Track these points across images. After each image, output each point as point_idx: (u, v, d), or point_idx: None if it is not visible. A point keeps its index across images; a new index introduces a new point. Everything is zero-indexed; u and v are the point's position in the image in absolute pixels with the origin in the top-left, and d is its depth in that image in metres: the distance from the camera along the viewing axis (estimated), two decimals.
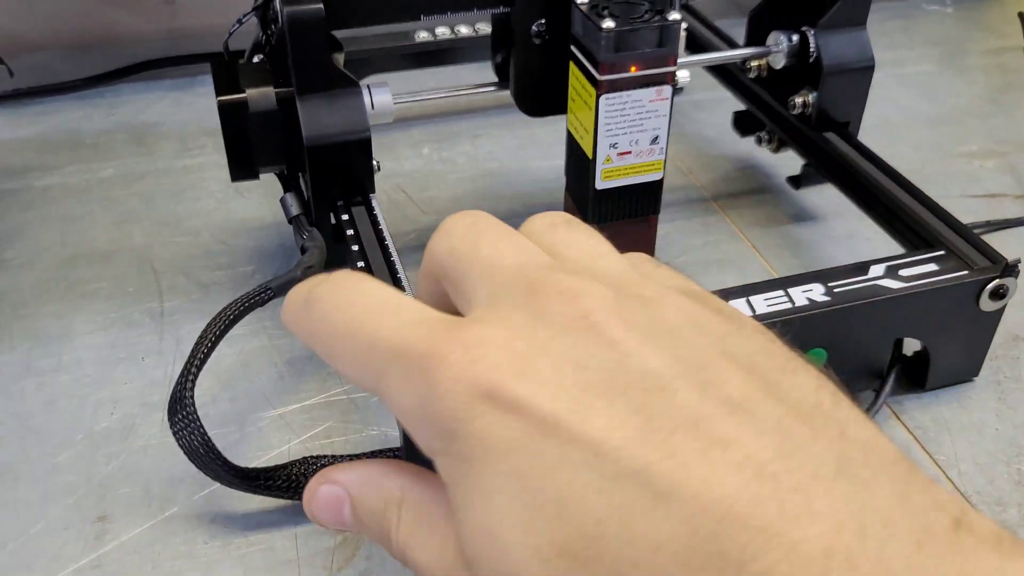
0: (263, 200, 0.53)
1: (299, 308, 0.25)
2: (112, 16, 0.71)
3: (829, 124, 0.49)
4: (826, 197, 0.53)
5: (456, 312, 0.24)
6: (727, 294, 0.37)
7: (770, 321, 0.36)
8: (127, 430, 0.39)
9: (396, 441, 0.38)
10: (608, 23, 0.37)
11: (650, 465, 0.19)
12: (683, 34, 0.39)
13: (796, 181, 0.52)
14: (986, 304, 0.38)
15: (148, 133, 0.60)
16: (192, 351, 0.34)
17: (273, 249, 0.49)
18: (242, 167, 0.42)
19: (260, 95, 0.41)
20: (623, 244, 0.43)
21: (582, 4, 0.40)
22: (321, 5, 0.39)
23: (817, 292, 0.37)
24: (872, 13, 0.79)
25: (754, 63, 0.51)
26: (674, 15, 0.38)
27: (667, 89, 0.40)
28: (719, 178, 0.57)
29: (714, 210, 0.54)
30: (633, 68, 0.39)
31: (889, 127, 0.63)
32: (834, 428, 0.21)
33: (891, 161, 0.59)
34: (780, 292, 0.37)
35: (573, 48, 0.41)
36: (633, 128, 0.41)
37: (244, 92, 0.41)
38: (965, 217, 0.52)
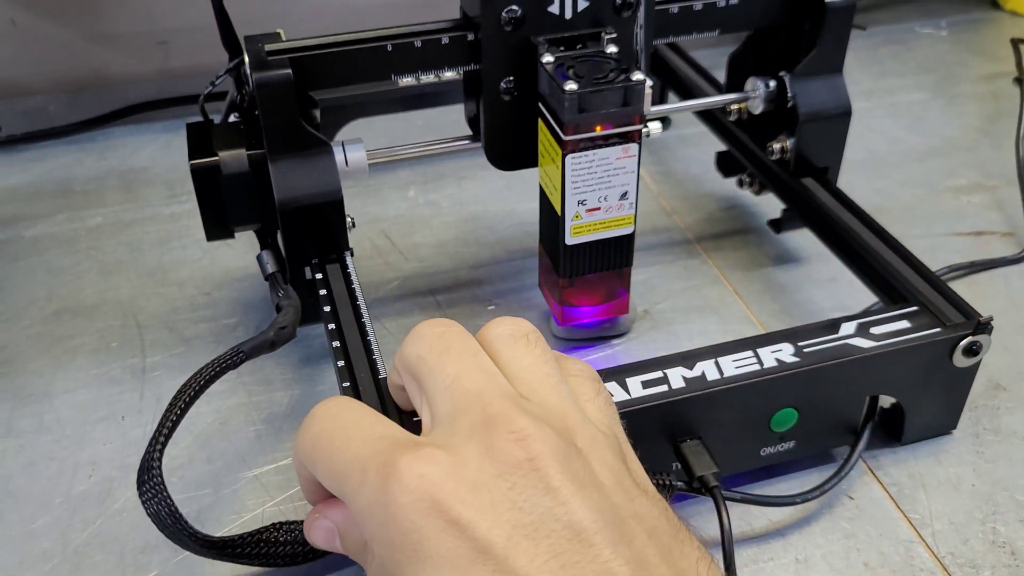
0: (247, 248, 0.53)
1: (300, 430, 0.30)
2: (106, 58, 0.72)
3: (807, 170, 0.49)
4: (809, 239, 0.53)
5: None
6: (697, 355, 0.37)
7: (739, 384, 0.36)
8: (104, 493, 0.39)
9: None
10: (571, 85, 0.38)
11: None
12: (648, 92, 0.39)
13: (777, 225, 0.52)
14: (960, 360, 0.38)
15: (137, 179, 0.61)
16: (161, 420, 0.34)
17: (256, 301, 0.50)
18: (217, 227, 0.43)
19: (232, 157, 0.41)
20: (596, 295, 0.43)
21: (547, 64, 0.40)
22: (289, 70, 0.39)
23: (787, 352, 0.37)
24: (864, 39, 0.80)
25: (734, 107, 0.51)
26: (638, 75, 0.38)
27: (633, 147, 0.40)
28: (703, 219, 0.57)
29: (697, 252, 0.54)
30: (598, 128, 0.39)
31: (877, 161, 0.63)
32: None
33: (877, 197, 0.59)
34: (749, 353, 0.37)
35: (540, 105, 0.41)
36: (601, 185, 0.41)
37: (216, 155, 0.41)
38: (950, 257, 0.52)
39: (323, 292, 0.41)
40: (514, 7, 0.40)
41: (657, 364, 0.36)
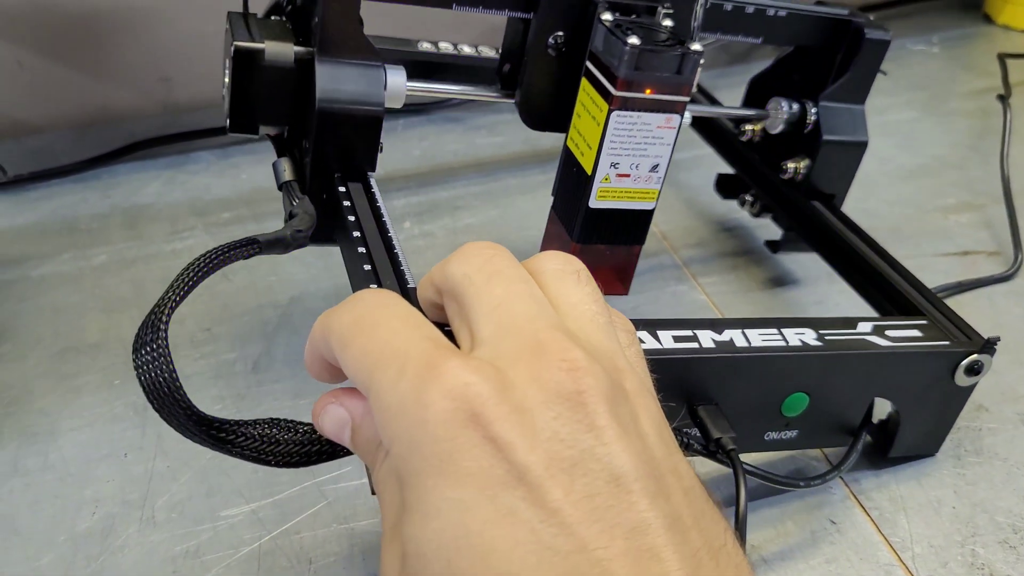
0: (247, 283, 0.55)
1: (338, 307, 0.27)
2: (110, 95, 0.74)
3: (817, 193, 0.50)
4: (796, 264, 0.54)
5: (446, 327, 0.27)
6: (726, 323, 0.37)
7: (764, 354, 0.36)
8: (107, 530, 0.40)
9: (365, 532, 0.40)
10: (634, 39, 0.38)
11: (586, 549, 0.21)
12: (699, 69, 0.39)
13: (775, 245, 0.53)
14: (961, 379, 0.39)
15: (141, 215, 0.62)
16: (171, 284, 0.32)
17: (255, 336, 0.51)
18: (243, 119, 0.42)
19: (278, 49, 0.39)
20: (605, 270, 0.43)
21: (607, 20, 0.40)
22: None
23: (809, 336, 0.38)
24: None
25: (748, 127, 0.52)
26: (696, 46, 0.39)
27: (676, 118, 0.40)
28: (693, 244, 0.58)
29: (686, 278, 0.55)
30: (648, 90, 0.39)
31: (867, 181, 0.63)
32: (732, 571, 0.23)
33: (866, 218, 0.59)
34: (775, 330, 0.38)
35: (588, 63, 0.41)
36: (637, 151, 0.40)
37: (263, 43, 0.40)
38: (936, 278, 0.53)
39: (347, 203, 0.39)
40: None
41: (688, 324, 0.37)
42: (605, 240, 0.43)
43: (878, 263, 0.45)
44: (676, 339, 0.36)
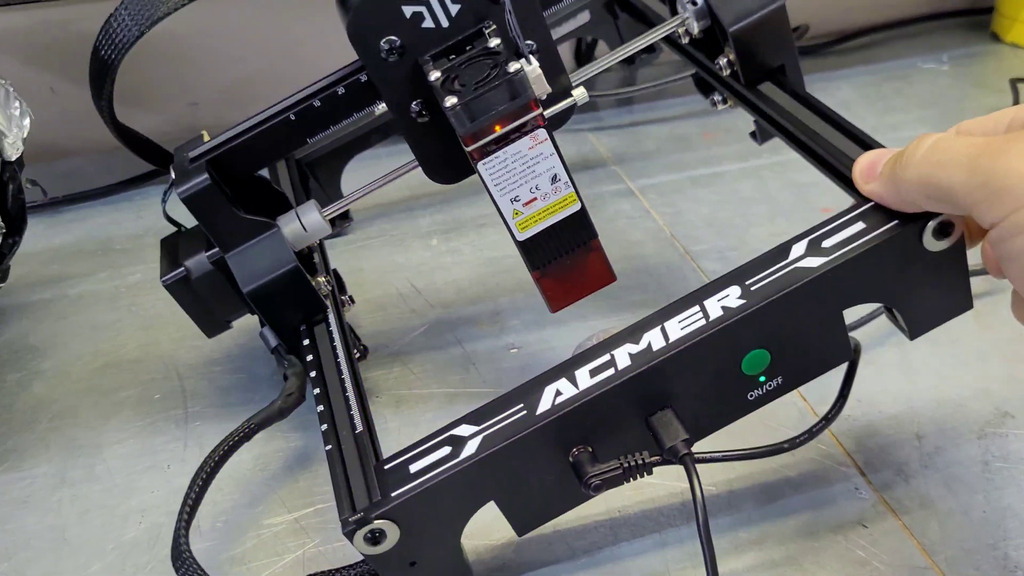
0: None
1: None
2: (139, 119, 0.76)
3: (760, 75, 0.48)
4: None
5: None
6: (643, 326, 0.36)
7: (687, 346, 0.35)
8: (153, 539, 0.41)
9: None
10: (451, 99, 0.37)
11: None
12: (536, 75, 0.38)
13: (754, 136, 0.52)
14: (933, 244, 0.36)
15: None
16: (183, 502, 0.37)
17: None
18: (211, 325, 0.46)
19: (196, 263, 0.44)
20: (573, 276, 0.42)
21: (435, 82, 0.38)
22: (206, 175, 0.41)
23: (733, 297, 0.35)
24: (868, 75, 0.82)
25: (680, 30, 0.49)
26: (514, 65, 0.37)
27: (541, 132, 0.38)
28: (715, 258, 0.59)
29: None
30: (497, 127, 0.37)
31: None
32: None
33: None
34: (695, 309, 0.36)
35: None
36: (526, 178, 0.40)
37: (182, 265, 0.44)
38: None
39: (309, 357, 0.43)
40: (391, 38, 0.39)
41: (603, 347, 0.36)
42: (558, 255, 0.42)
43: (832, 138, 0.42)
44: (592, 372, 0.35)
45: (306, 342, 0.43)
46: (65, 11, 0.70)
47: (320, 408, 0.39)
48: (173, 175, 0.42)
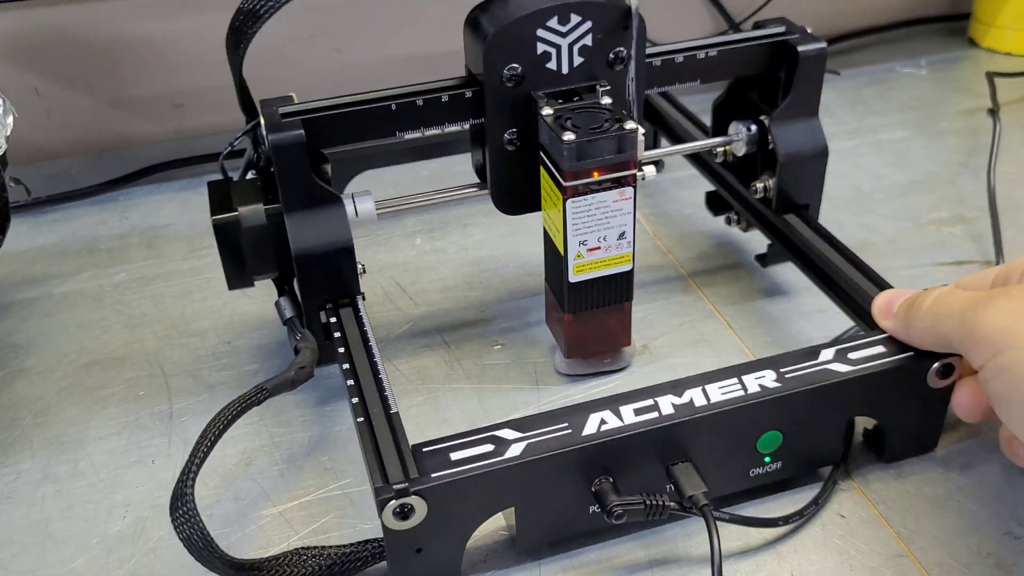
0: (266, 298, 0.56)
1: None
2: (125, 121, 0.76)
3: (789, 207, 0.52)
4: (797, 274, 0.56)
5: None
6: (685, 384, 0.39)
7: (724, 409, 0.38)
8: (138, 533, 0.41)
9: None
10: (569, 135, 0.41)
11: None
12: (642, 138, 0.42)
13: (763, 259, 0.55)
14: (934, 381, 0.41)
15: (158, 235, 0.64)
16: (192, 450, 0.37)
17: (274, 348, 0.53)
18: (237, 276, 0.46)
19: (251, 212, 0.44)
20: (600, 328, 0.45)
21: (547, 116, 0.43)
22: (302, 131, 0.42)
23: (769, 379, 0.39)
24: (848, 80, 0.83)
25: (719, 149, 0.54)
26: (630, 124, 0.41)
27: (629, 190, 0.43)
28: (696, 256, 0.59)
29: (691, 289, 0.56)
30: (596, 174, 0.42)
31: (863, 197, 0.66)
32: None
33: (864, 232, 0.61)
34: (734, 380, 0.39)
35: (541, 154, 0.44)
36: (600, 226, 0.44)
37: (236, 210, 0.44)
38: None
39: (337, 335, 0.44)
40: (515, 65, 0.44)
41: (649, 393, 0.39)
42: (594, 305, 0.46)
43: (849, 272, 0.47)
44: (637, 411, 0.38)
45: (333, 320, 0.44)
46: (51, 12, 0.70)
47: (350, 382, 0.40)
48: (263, 122, 0.43)
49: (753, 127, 0.52)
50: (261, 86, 0.49)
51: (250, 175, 0.48)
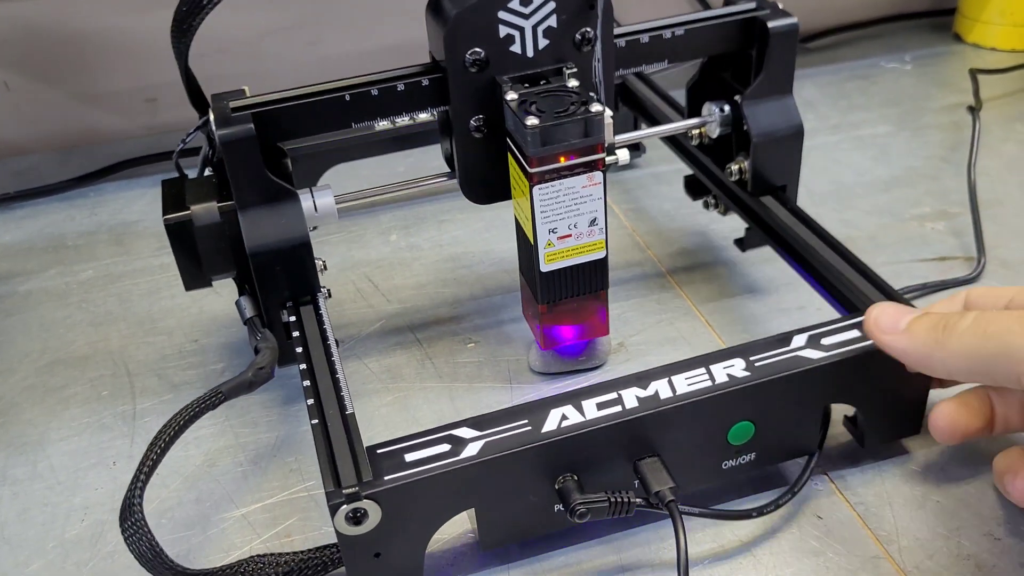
0: (234, 295, 0.55)
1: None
2: (96, 116, 0.75)
3: (765, 188, 0.51)
4: (777, 270, 0.55)
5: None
6: (651, 375, 0.38)
7: (691, 400, 0.37)
8: (96, 536, 0.40)
9: None
10: (533, 120, 0.39)
11: None
12: (609, 122, 0.40)
13: (742, 243, 0.54)
14: None
15: (127, 232, 0.63)
16: (141, 461, 0.35)
17: (242, 346, 0.51)
18: (194, 277, 0.45)
19: (204, 210, 0.43)
20: (576, 318, 0.44)
21: (511, 101, 0.41)
22: (251, 125, 0.41)
23: (738, 368, 0.38)
24: (831, 75, 0.83)
25: (695, 132, 0.53)
26: (596, 107, 0.40)
27: (598, 175, 0.41)
28: (675, 252, 0.59)
29: (670, 285, 0.55)
30: (562, 159, 0.40)
31: (844, 192, 0.65)
32: None
33: (845, 228, 0.61)
34: (702, 370, 0.38)
35: (508, 141, 0.43)
36: (570, 213, 0.42)
37: (189, 209, 0.43)
38: (914, 282, 0.54)
39: (296, 334, 0.42)
40: (478, 49, 0.42)
41: (612, 386, 0.38)
42: (569, 295, 0.45)
43: (827, 255, 0.45)
44: (600, 406, 0.37)
45: (292, 319, 0.43)
46: (20, 7, 0.69)
47: (306, 383, 0.39)
48: (212, 117, 0.42)
49: (726, 107, 0.50)
50: (236, 80, 0.47)
51: (208, 172, 0.47)
